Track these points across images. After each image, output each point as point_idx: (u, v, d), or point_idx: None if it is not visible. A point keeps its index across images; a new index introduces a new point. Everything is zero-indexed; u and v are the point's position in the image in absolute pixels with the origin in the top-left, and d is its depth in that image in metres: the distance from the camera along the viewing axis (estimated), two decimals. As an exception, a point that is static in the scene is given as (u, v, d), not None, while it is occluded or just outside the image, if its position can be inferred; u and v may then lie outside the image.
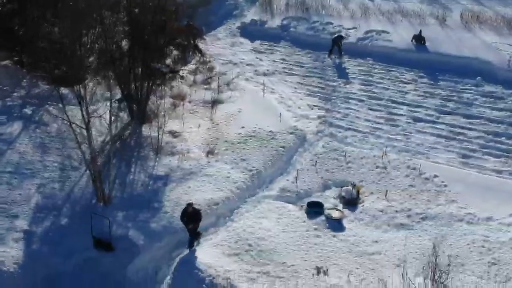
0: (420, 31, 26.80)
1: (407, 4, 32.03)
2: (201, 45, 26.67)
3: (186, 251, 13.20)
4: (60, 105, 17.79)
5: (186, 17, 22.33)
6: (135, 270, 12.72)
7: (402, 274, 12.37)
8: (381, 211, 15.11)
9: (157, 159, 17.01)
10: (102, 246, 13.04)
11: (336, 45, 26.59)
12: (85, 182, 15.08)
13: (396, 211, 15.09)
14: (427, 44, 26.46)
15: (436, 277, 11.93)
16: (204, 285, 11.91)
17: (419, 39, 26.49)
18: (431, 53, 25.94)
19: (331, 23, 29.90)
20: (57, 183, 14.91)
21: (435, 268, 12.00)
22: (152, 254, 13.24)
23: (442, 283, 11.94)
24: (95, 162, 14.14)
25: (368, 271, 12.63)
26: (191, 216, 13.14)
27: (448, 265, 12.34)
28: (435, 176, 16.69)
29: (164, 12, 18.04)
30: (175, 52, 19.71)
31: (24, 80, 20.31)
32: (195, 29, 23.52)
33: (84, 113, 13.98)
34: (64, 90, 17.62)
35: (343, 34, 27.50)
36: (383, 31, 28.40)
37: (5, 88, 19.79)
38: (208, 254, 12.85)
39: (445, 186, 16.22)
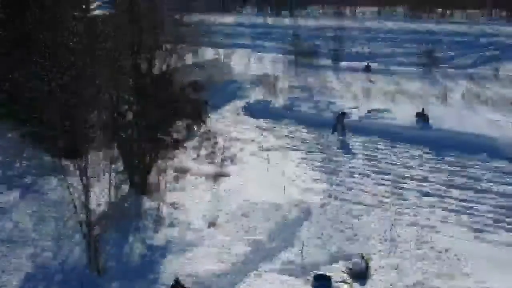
0: (423, 109, 27.18)
1: (408, 86, 32.93)
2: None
3: None
4: (61, 175, 17.73)
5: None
6: None
7: None
8: (392, 285, 14.14)
9: (156, 229, 16.36)
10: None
11: (339, 122, 26.87)
12: (80, 252, 14.31)
13: (407, 286, 14.12)
14: (430, 121, 26.67)
15: None
16: None
17: (422, 117, 26.76)
18: (435, 130, 26.12)
19: (334, 103, 30.50)
20: (50, 252, 14.19)
21: None
22: None
23: None
24: (91, 228, 13.54)
25: None
26: None
27: None
28: (447, 250, 15.86)
29: (171, 82, 18.34)
30: (179, 124, 19.72)
31: (26, 152, 20.19)
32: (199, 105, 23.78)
33: (84, 179, 13.63)
34: (65, 162, 17.44)
35: (345, 111, 27.87)
36: (385, 110, 28.86)
37: (7, 159, 19.63)
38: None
39: (458, 260, 15.34)
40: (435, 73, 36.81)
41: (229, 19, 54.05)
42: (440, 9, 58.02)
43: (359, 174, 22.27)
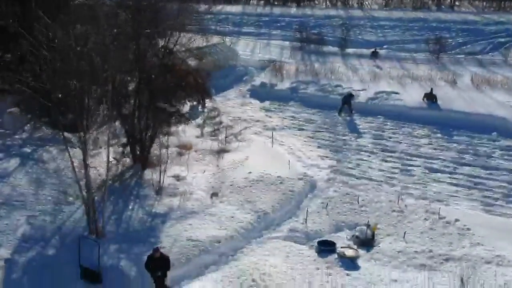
0: (431, 89, 26.64)
1: (416, 71, 32.34)
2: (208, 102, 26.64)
3: None
4: (62, 146, 17.43)
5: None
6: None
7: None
8: (400, 252, 13.69)
9: (157, 198, 15.99)
10: (90, 276, 11.71)
11: (346, 103, 26.38)
12: (79, 217, 14.02)
13: (416, 252, 13.66)
14: (439, 102, 26.13)
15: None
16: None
17: (430, 97, 26.24)
18: (444, 111, 25.58)
19: (340, 86, 29.99)
20: (48, 215, 13.88)
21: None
22: (145, 288, 11.84)
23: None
24: (90, 192, 13.19)
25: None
26: (158, 263, 11.54)
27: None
28: (457, 220, 15.37)
29: (172, 54, 17.95)
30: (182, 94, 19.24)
31: (28, 125, 19.94)
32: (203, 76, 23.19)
33: (84, 149, 13.21)
34: (67, 135, 17.11)
35: (353, 92, 27.37)
36: (393, 92, 28.32)
37: (7, 131, 19.38)
38: (207, 289, 11.47)
39: (468, 229, 14.85)
40: (444, 59, 36.20)
41: (236, 8, 53.68)
42: (449, 0, 57.42)
43: (366, 151, 21.79)
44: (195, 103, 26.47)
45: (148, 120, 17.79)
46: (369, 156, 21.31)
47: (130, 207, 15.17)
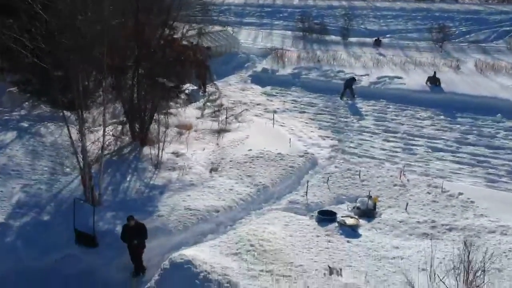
0: (435, 72, 26.35)
1: (419, 58, 32.03)
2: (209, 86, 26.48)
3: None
4: (60, 123, 17.23)
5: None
6: (120, 268, 11.03)
7: (430, 276, 10.52)
8: (402, 222, 13.43)
9: (155, 172, 15.77)
10: (84, 240, 11.50)
11: (348, 87, 26.11)
12: (75, 186, 13.81)
13: (419, 222, 13.39)
14: (442, 85, 25.83)
15: (469, 280, 10.09)
16: (196, 281, 10.16)
17: (433, 80, 25.93)
18: (447, 93, 25.28)
19: (342, 71, 29.70)
20: (44, 184, 13.68)
21: (469, 270, 10.19)
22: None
23: (478, 286, 10.07)
24: (86, 161, 12.97)
25: (390, 274, 10.80)
26: (134, 232, 11.19)
27: (483, 270, 10.47)
28: (460, 193, 15.09)
29: (172, 28, 17.73)
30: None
31: (26, 103, 19.74)
32: (202, 51, 22.95)
33: (82, 124, 12.98)
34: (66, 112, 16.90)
35: (355, 77, 27.08)
36: (396, 77, 28.05)
37: (5, 109, 19.18)
38: (204, 253, 11.19)
39: (472, 202, 14.57)
40: (447, 48, 35.86)
41: (238, 0, 53.45)
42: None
43: (368, 132, 21.53)
44: (195, 87, 26.38)
45: (147, 94, 17.55)
46: (371, 136, 21.05)
47: (128, 179, 14.96)
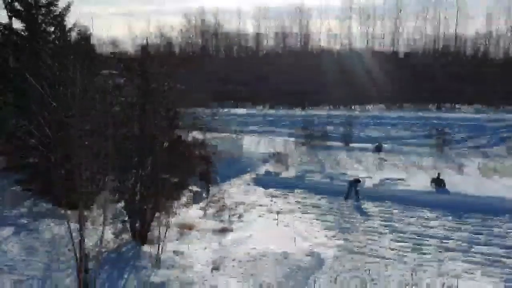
0: (439, 174, 26.36)
1: (421, 162, 32.28)
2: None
3: None
4: (58, 220, 16.93)
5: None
6: None
7: None
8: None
9: (155, 270, 15.04)
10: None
11: (353, 188, 25.95)
12: (69, 283, 13.04)
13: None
14: (447, 187, 25.67)
15: None
16: None
17: (438, 182, 25.82)
18: (453, 194, 24.98)
19: (346, 174, 29.72)
20: (36, 280, 12.93)
21: None
22: None
23: None
24: (85, 261, 12.40)
25: None
26: None
27: None
28: (478, 293, 14.23)
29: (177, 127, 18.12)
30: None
31: (27, 200, 19.52)
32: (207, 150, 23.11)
33: (81, 220, 12.73)
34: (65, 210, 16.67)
35: (359, 178, 27.04)
36: (399, 179, 28.01)
37: (6, 207, 18.91)
38: None
39: (491, 302, 13.68)
40: (448, 152, 36.26)
41: (241, 110, 55.37)
42: (448, 104, 59.10)
43: (375, 232, 20.91)
44: (199, 189, 26.31)
45: (150, 192, 17.36)
46: (379, 236, 20.43)
47: (125, 276, 14.21)
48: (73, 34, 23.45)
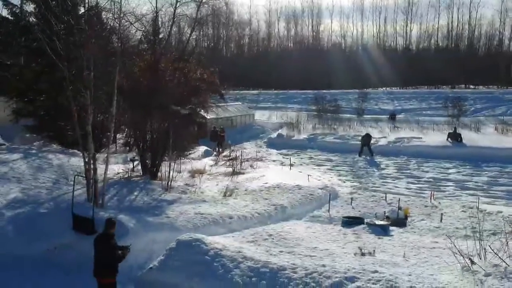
0: (455, 128, 25.78)
1: (437, 127, 31.60)
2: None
3: None
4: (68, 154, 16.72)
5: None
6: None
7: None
8: (438, 228, 11.96)
9: (165, 192, 14.61)
10: (82, 225, 10.18)
11: (366, 144, 25.42)
12: (78, 194, 12.65)
13: (457, 228, 11.89)
14: (464, 142, 25.04)
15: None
16: (207, 257, 8.70)
17: (455, 136, 25.22)
18: (470, 148, 24.35)
19: (359, 135, 29.15)
20: (45, 190, 12.62)
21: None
22: (144, 243, 10.16)
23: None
24: (93, 173, 12.04)
25: (429, 257, 9.23)
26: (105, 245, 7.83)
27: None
28: (499, 211, 13.67)
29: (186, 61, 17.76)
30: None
31: (36, 142, 19.36)
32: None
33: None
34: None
35: (370, 133, 26.50)
36: (414, 137, 27.43)
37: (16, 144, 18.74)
38: (215, 238, 9.80)
39: (509, 216, 13.11)
40: (464, 120, 35.54)
41: (253, 91, 55.09)
42: (463, 85, 58.17)
43: (391, 177, 20.45)
44: (208, 149, 25.96)
45: (161, 123, 17.03)
46: (394, 180, 19.94)
47: (135, 193, 13.80)
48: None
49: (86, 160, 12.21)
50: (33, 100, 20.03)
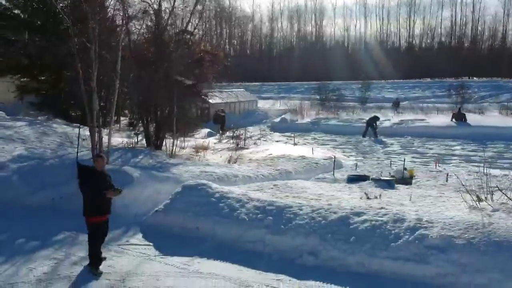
0: (459, 108, 25.68)
1: (441, 105, 31.53)
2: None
3: None
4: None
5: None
6: (125, 203, 9.45)
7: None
8: (444, 185, 11.90)
9: (170, 159, 14.58)
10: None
11: (371, 126, 25.36)
12: (83, 154, 12.64)
13: (463, 185, 11.78)
14: (468, 122, 24.98)
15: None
16: (212, 199, 8.68)
17: (459, 116, 25.16)
18: (475, 127, 24.26)
19: (363, 118, 29.16)
20: (49, 150, 12.58)
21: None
22: (150, 192, 10.13)
23: None
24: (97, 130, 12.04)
25: (436, 202, 9.19)
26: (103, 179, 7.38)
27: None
28: (505, 175, 13.60)
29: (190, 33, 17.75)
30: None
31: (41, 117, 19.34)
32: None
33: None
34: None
35: (377, 115, 26.45)
36: (418, 119, 27.36)
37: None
38: (221, 185, 9.76)
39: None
40: (468, 107, 35.42)
41: (256, 83, 55.02)
42: (467, 77, 57.98)
43: (396, 154, 20.39)
44: (212, 131, 25.95)
45: (164, 93, 16.98)
46: (399, 155, 19.86)
47: (140, 157, 13.75)
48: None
49: (91, 122, 12.20)
50: (37, 76, 20.03)
